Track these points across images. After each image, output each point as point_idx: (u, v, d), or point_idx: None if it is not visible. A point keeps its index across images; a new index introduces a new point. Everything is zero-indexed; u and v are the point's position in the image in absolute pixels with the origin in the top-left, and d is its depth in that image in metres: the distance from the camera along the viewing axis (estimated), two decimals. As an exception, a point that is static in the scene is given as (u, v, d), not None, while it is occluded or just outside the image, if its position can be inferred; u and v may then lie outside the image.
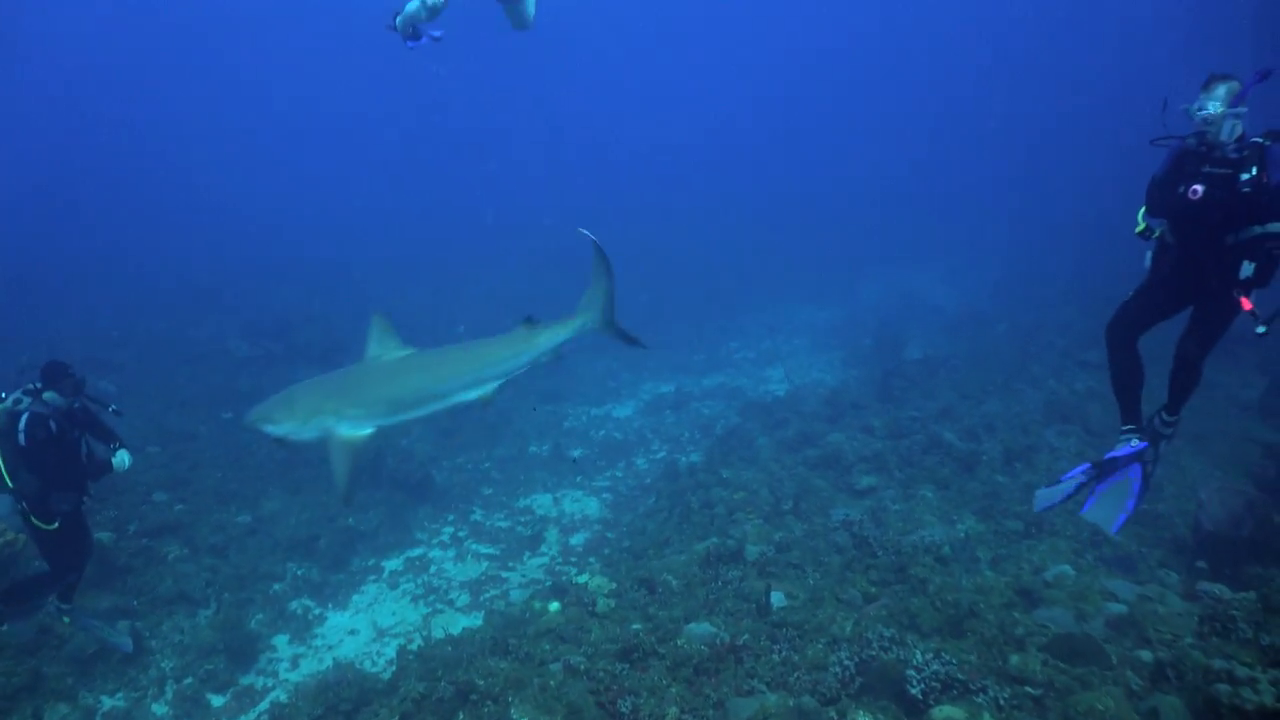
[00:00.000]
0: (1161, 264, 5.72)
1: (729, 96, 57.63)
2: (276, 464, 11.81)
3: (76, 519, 6.97)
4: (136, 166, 45.42)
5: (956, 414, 11.86)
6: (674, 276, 24.85)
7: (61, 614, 7.40)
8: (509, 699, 5.31)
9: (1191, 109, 5.14)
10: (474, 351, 6.32)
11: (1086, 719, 4.71)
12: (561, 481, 12.48)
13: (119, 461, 6.93)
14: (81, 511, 7.06)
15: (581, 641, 6.24)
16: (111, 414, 7.15)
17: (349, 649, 8.56)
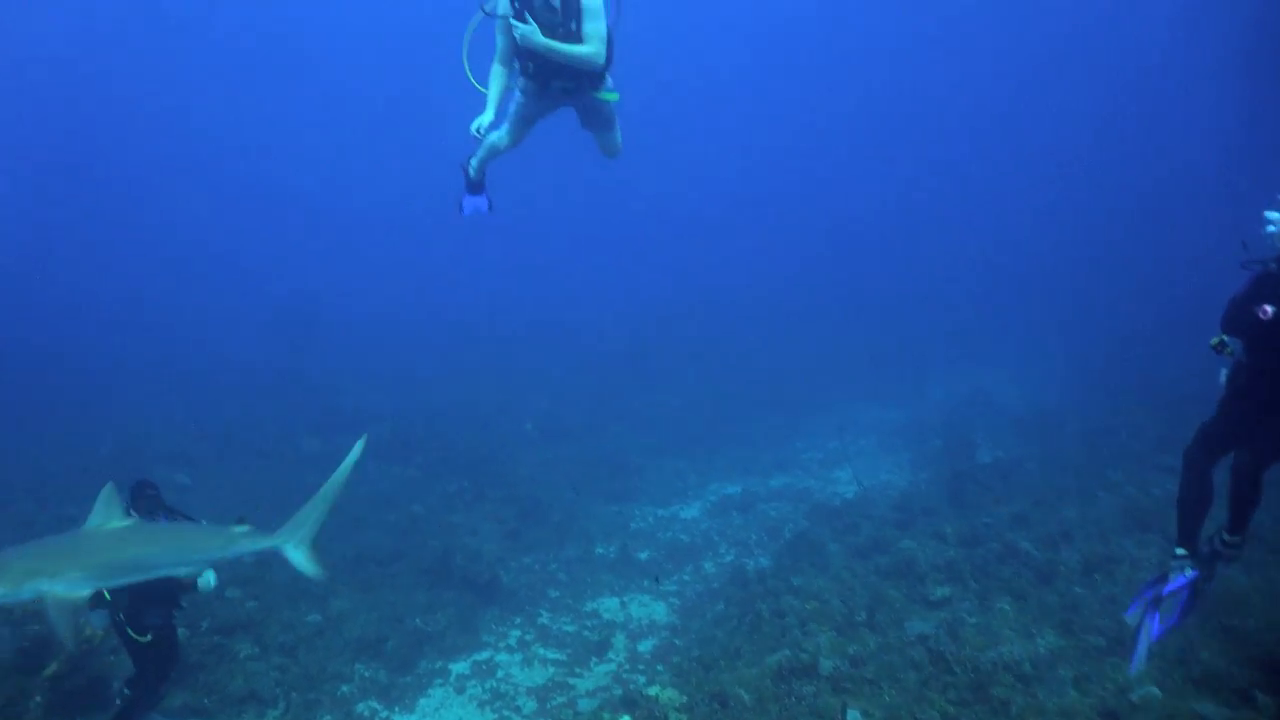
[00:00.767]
0: (1237, 382, 5.75)
1: (789, 196, 57.26)
2: (346, 561, 12.00)
3: (167, 632, 7.24)
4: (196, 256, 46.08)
5: (1031, 521, 11.56)
6: (735, 373, 24.95)
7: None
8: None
9: (1275, 234, 5.27)
10: (185, 536, 6.73)
11: None
12: (629, 585, 12.43)
13: (204, 583, 7.16)
14: (172, 625, 7.33)
15: (655, 758, 6.18)
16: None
17: (417, 755, 8.54)
